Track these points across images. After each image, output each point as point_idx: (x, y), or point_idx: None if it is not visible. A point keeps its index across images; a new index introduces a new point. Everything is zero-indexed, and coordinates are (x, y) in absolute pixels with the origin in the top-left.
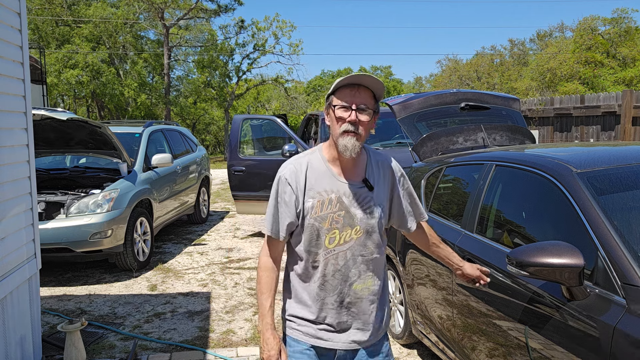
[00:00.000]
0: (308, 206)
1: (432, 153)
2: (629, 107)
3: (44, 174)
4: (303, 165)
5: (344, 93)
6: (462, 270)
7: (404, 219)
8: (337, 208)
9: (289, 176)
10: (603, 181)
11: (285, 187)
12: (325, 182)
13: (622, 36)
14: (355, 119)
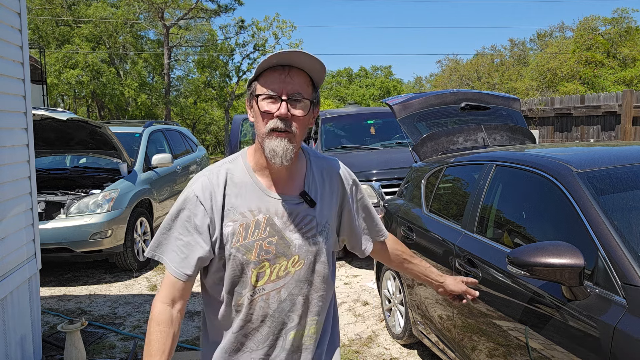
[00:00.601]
0: (228, 232)
1: (432, 153)
2: (629, 107)
3: (44, 174)
4: (220, 177)
5: (270, 78)
6: (443, 286)
7: (357, 239)
8: (266, 233)
9: (200, 192)
10: (603, 181)
11: (196, 207)
12: (250, 198)
13: (622, 36)
14: (287, 113)
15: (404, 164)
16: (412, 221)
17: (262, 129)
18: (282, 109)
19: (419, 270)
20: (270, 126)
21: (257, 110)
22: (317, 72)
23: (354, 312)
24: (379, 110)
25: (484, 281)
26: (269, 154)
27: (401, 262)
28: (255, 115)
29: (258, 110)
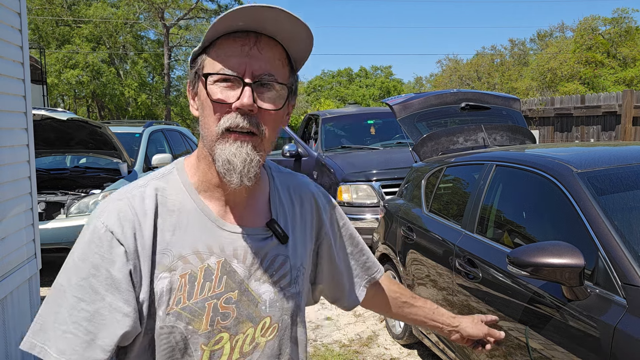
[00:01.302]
0: (161, 289)
1: (432, 153)
2: (629, 107)
3: (44, 174)
4: (147, 202)
5: (228, 50)
6: (458, 331)
7: (341, 287)
8: (222, 286)
9: (117, 226)
10: (603, 181)
11: (111, 249)
12: (195, 234)
13: (622, 36)
14: (252, 105)
15: (404, 164)
16: (412, 221)
17: (211, 128)
18: (246, 98)
19: (425, 315)
20: (225, 124)
21: (204, 98)
22: (299, 44)
23: (354, 312)
24: (379, 110)
25: (484, 281)
26: (223, 167)
27: (401, 307)
28: (202, 107)
29: (207, 98)
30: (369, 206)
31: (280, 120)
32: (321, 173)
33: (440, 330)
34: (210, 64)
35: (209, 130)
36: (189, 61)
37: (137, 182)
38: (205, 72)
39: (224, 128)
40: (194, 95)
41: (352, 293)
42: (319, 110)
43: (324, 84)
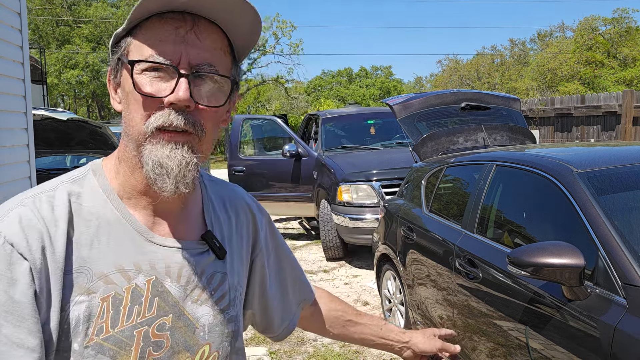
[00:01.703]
0: (77, 316)
1: (432, 153)
2: (629, 107)
3: (44, 174)
4: (58, 208)
5: (159, 33)
6: (410, 347)
7: (273, 312)
8: (154, 310)
9: (19, 236)
10: (604, 181)
11: (12, 266)
12: (118, 248)
13: (622, 36)
14: (189, 99)
15: (404, 164)
16: (413, 221)
17: (138, 126)
18: (182, 92)
19: (373, 333)
20: (156, 122)
21: (130, 90)
22: (244, 29)
23: None
24: (379, 110)
25: (485, 281)
26: (153, 172)
27: (344, 327)
28: (126, 101)
29: (133, 90)
30: (369, 206)
31: (221, 117)
32: (321, 173)
33: (390, 348)
34: (138, 48)
35: (135, 129)
36: (110, 45)
37: (43, 185)
38: (132, 58)
39: (154, 127)
40: (116, 86)
41: (285, 320)
42: (319, 110)
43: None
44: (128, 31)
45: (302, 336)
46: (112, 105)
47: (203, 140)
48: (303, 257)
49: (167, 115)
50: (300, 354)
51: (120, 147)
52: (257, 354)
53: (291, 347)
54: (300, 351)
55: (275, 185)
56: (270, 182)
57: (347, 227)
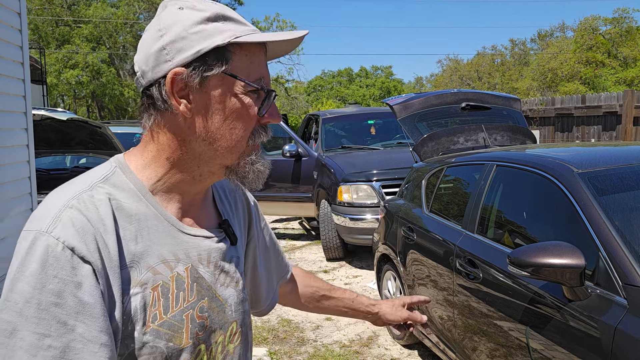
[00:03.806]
0: (135, 307)
1: (432, 153)
2: (630, 107)
3: (44, 174)
4: (102, 209)
5: (258, 58)
6: (379, 317)
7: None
8: (195, 295)
9: (78, 240)
10: (604, 181)
11: (75, 270)
12: (159, 240)
13: (623, 36)
14: (280, 119)
15: (404, 164)
16: (413, 221)
17: (243, 140)
18: (275, 111)
19: (345, 305)
20: (262, 137)
21: (235, 105)
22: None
23: None
24: (379, 110)
25: (485, 281)
26: (253, 179)
27: (319, 301)
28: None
29: (246, 105)
30: (369, 206)
31: None
32: (321, 173)
33: (362, 317)
34: (245, 67)
35: (235, 142)
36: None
37: (76, 184)
38: (238, 75)
39: (257, 142)
40: (194, 91)
41: (269, 297)
42: (319, 110)
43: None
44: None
45: (302, 336)
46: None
47: None
48: (303, 257)
49: (266, 132)
50: (300, 354)
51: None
52: (257, 354)
53: (291, 348)
54: (300, 351)
55: (275, 185)
56: (271, 182)
57: (347, 227)
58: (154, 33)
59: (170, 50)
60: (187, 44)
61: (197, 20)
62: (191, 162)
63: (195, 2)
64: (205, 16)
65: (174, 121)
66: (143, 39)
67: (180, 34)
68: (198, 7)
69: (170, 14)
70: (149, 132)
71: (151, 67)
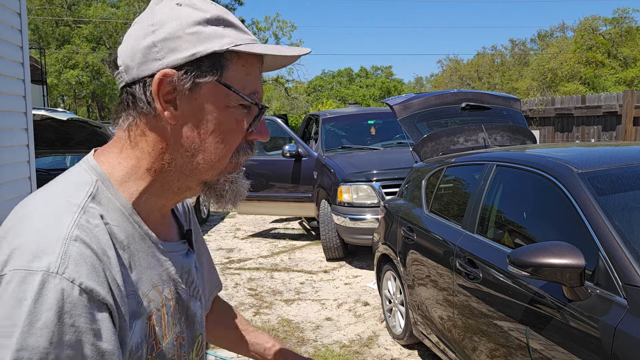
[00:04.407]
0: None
1: (432, 153)
2: (630, 107)
3: (44, 174)
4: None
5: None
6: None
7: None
8: (178, 317)
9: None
10: (604, 181)
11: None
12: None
13: (623, 36)
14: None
15: (404, 164)
16: (413, 221)
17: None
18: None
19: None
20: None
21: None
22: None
23: (355, 312)
24: (379, 110)
25: (485, 281)
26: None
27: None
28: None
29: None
30: (370, 206)
31: None
32: (321, 173)
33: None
34: (240, 79)
35: (219, 157)
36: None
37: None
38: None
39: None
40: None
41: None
42: (319, 110)
43: (324, 84)
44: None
45: (302, 336)
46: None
47: None
48: (303, 257)
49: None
50: (301, 354)
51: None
52: None
53: (291, 348)
54: (300, 351)
55: (275, 185)
56: (271, 182)
57: (347, 227)
58: (145, 27)
59: (162, 49)
60: (181, 45)
61: (196, 21)
62: (172, 175)
63: (196, 1)
64: (206, 17)
65: (156, 126)
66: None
67: (176, 33)
68: (198, 6)
69: (167, 9)
70: (126, 134)
71: (137, 63)
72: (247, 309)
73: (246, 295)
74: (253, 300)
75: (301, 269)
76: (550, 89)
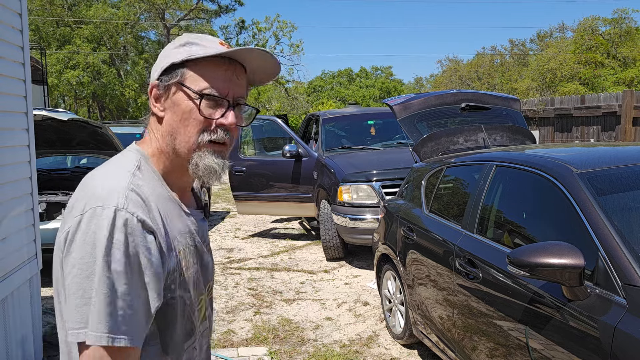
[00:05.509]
0: (173, 266)
1: (432, 153)
2: (629, 107)
3: (45, 174)
4: (145, 190)
5: (214, 72)
6: None
7: None
8: (195, 259)
9: (143, 212)
10: (603, 181)
11: (146, 236)
12: (175, 217)
13: (622, 36)
14: (233, 123)
15: (404, 165)
16: (413, 221)
17: (192, 137)
18: (232, 118)
19: None
20: (210, 137)
21: (188, 109)
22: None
23: (355, 312)
24: (379, 110)
25: (484, 281)
26: (203, 172)
27: None
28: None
29: (193, 111)
30: (369, 206)
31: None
32: (321, 173)
33: None
34: (195, 80)
35: (188, 138)
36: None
37: (121, 171)
38: (190, 86)
39: (207, 140)
40: (163, 97)
41: None
42: (319, 110)
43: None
44: (182, 62)
45: (302, 336)
46: (154, 111)
47: (229, 149)
48: (303, 257)
49: (218, 133)
50: (301, 354)
51: (160, 143)
52: (257, 354)
53: (291, 347)
54: (300, 351)
55: (275, 185)
56: (271, 183)
57: (347, 227)
58: None
59: (155, 70)
60: (160, 64)
61: (171, 47)
62: (170, 154)
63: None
64: (177, 44)
65: (157, 121)
66: None
67: (161, 59)
68: (178, 39)
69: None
70: (150, 128)
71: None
72: (247, 308)
73: (246, 295)
74: (253, 300)
75: (301, 268)
76: (549, 89)
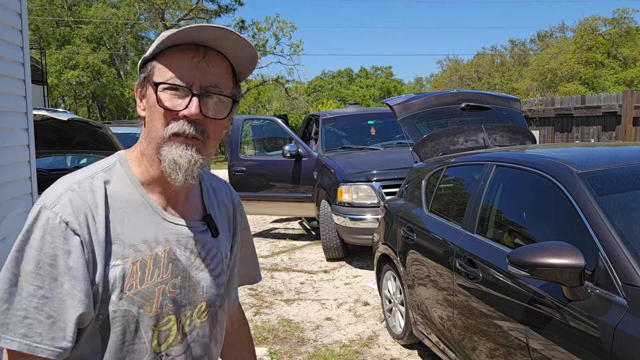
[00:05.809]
0: (115, 276)
1: (432, 153)
2: (629, 107)
3: (44, 174)
4: (97, 194)
5: (178, 60)
6: None
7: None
8: (169, 273)
9: (72, 216)
10: (604, 181)
11: (67, 240)
12: (143, 225)
13: (622, 36)
14: (198, 114)
15: (404, 165)
16: (413, 221)
17: (159, 131)
18: (193, 108)
19: None
20: (173, 129)
21: (153, 103)
22: (244, 60)
23: (355, 312)
24: (379, 110)
25: (485, 281)
26: (169, 166)
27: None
28: (150, 110)
29: (156, 103)
30: (370, 206)
31: (223, 128)
32: (321, 173)
33: None
34: (161, 71)
35: (156, 133)
36: (139, 65)
37: (83, 172)
38: (156, 80)
39: (171, 133)
40: (142, 96)
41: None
42: (320, 110)
43: (324, 84)
44: (153, 56)
45: (302, 336)
46: (138, 111)
47: (207, 145)
48: (303, 257)
49: (182, 125)
50: (301, 354)
51: (142, 145)
52: (257, 354)
53: (291, 347)
54: (300, 351)
55: (275, 185)
56: (271, 183)
57: (347, 227)
58: None
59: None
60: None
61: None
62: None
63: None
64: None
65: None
66: None
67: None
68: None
69: None
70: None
71: None
72: (248, 308)
73: (246, 295)
74: (253, 300)
75: (301, 268)
76: (549, 89)
